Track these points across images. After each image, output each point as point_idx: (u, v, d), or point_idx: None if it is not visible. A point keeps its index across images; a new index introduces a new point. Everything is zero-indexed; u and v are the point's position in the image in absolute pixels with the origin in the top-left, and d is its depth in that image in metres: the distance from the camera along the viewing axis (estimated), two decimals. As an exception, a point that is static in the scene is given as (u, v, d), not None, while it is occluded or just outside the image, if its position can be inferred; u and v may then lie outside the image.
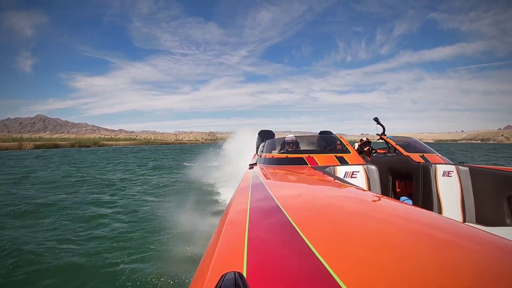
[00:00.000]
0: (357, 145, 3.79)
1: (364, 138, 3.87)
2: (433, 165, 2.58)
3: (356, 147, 3.64)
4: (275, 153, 3.39)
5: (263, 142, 4.11)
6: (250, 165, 2.86)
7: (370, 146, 3.71)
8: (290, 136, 3.62)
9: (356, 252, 0.58)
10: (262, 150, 3.79)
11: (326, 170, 2.37)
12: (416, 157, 2.75)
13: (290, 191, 1.52)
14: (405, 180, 2.98)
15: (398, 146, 2.96)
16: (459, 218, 2.46)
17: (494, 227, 2.14)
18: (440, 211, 2.46)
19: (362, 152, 3.60)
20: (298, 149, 3.51)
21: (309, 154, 2.89)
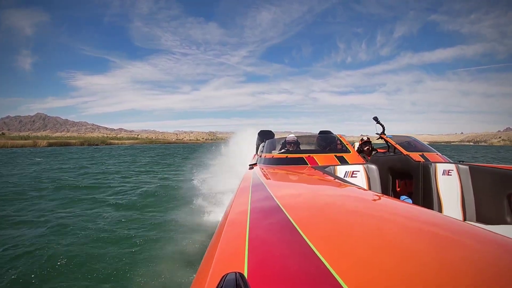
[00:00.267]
0: (357, 144, 3.77)
1: (364, 138, 3.84)
2: (433, 164, 2.58)
3: (356, 147, 3.63)
4: (275, 153, 3.38)
5: (263, 142, 4.09)
6: (250, 165, 2.86)
7: (370, 146, 3.69)
8: (291, 136, 3.61)
9: (356, 251, 0.58)
10: (262, 150, 3.77)
11: (326, 169, 2.37)
12: (416, 156, 2.75)
13: (290, 191, 1.52)
14: (405, 179, 2.98)
15: (398, 145, 2.96)
16: (459, 217, 2.46)
17: (494, 225, 2.14)
18: (440, 210, 2.46)
19: (362, 151, 3.58)
20: (298, 149, 3.50)
21: (309, 154, 2.89)
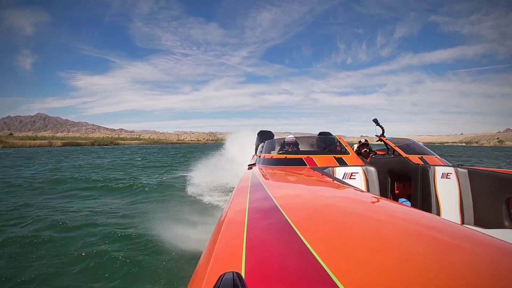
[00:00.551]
0: (356, 146, 3.78)
1: (362, 140, 3.84)
2: (432, 167, 2.57)
3: (355, 149, 3.63)
4: (274, 153, 3.37)
5: (262, 143, 4.08)
6: (249, 165, 2.85)
7: (368, 148, 3.69)
8: (290, 136, 3.61)
9: (354, 253, 0.58)
10: (261, 151, 3.77)
11: (325, 171, 2.36)
12: (415, 158, 2.75)
13: (288, 192, 1.51)
14: (404, 181, 2.97)
15: (397, 148, 2.96)
16: (458, 220, 2.46)
17: (493, 229, 2.14)
18: (438, 213, 2.46)
19: (360, 153, 3.58)
20: (297, 150, 3.50)
21: (308, 155, 2.87)
